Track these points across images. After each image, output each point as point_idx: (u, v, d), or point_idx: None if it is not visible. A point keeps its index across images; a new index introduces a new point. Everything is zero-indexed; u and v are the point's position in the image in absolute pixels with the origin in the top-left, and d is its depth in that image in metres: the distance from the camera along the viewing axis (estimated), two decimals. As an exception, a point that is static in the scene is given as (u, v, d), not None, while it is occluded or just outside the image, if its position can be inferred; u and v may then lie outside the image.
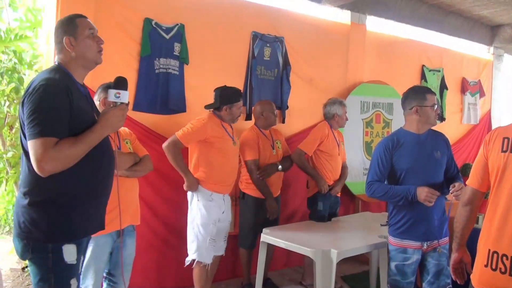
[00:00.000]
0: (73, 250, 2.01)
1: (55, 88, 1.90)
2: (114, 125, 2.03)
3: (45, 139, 1.82)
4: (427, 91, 3.00)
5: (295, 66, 4.99)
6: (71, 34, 2.06)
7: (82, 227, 2.05)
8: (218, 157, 3.58)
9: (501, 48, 7.71)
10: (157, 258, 4.04)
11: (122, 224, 2.89)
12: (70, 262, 2.00)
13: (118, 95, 2.07)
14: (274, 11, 4.93)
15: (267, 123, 4.20)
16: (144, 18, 3.96)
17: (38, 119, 1.83)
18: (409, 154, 2.92)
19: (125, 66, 3.86)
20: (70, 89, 1.94)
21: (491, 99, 7.78)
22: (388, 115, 5.82)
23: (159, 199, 4.03)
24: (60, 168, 1.86)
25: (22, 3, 4.71)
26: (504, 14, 6.55)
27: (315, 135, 4.29)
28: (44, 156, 1.80)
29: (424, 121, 2.95)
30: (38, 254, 1.96)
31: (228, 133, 3.68)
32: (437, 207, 2.89)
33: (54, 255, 1.96)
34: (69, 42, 2.05)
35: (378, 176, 2.97)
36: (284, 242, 3.39)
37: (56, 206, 1.95)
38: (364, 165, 5.55)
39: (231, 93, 3.69)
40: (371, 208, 5.52)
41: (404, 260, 2.92)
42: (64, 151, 1.84)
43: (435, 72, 6.63)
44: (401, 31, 6.21)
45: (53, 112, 1.87)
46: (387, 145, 2.97)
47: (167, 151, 3.51)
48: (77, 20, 2.10)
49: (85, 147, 1.92)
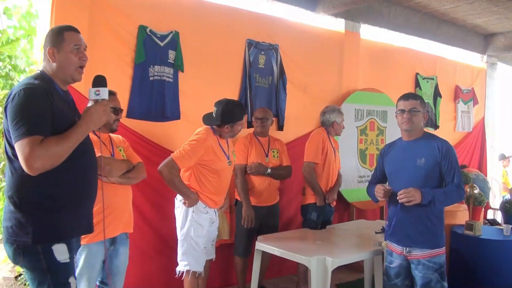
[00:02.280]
0: (64, 249, 2.03)
1: (35, 91, 1.96)
2: (97, 121, 2.08)
3: (31, 138, 1.86)
4: (399, 98, 3.07)
5: (290, 74, 5.00)
6: (55, 45, 2.11)
7: (69, 227, 2.07)
8: (211, 178, 3.41)
9: (494, 57, 7.78)
10: (149, 265, 4.01)
11: (115, 232, 2.90)
12: (63, 261, 2.02)
13: (98, 93, 2.14)
14: (269, 19, 4.95)
15: (257, 130, 4.25)
16: (138, 25, 3.95)
17: (22, 121, 1.88)
18: (392, 159, 3.10)
19: (119, 73, 3.86)
20: (50, 91, 2.00)
21: (485, 107, 7.84)
22: (382, 123, 5.84)
23: (152, 206, 4.01)
24: (48, 165, 1.89)
25: (16, 10, 4.70)
26: (498, 23, 6.61)
27: (317, 142, 4.29)
28: (32, 154, 1.84)
29: (400, 127, 3.07)
30: (30, 256, 1.98)
31: (224, 152, 3.50)
32: (415, 214, 2.89)
33: (45, 256, 1.98)
34: (52, 52, 2.10)
35: (374, 179, 3.25)
36: (278, 250, 3.38)
37: (42, 208, 1.98)
38: (358, 173, 5.55)
39: (234, 110, 3.46)
40: (366, 215, 5.53)
41: (390, 262, 3.07)
42: (51, 148, 1.88)
43: (429, 80, 6.66)
44: (395, 39, 6.26)
45: (36, 112, 1.92)
46: (382, 151, 3.25)
47: (163, 175, 3.29)
48: (65, 33, 2.14)
49: (71, 143, 1.96)
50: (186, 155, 3.29)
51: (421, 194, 2.80)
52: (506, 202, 4.41)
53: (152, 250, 4.04)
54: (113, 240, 2.91)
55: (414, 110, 2.95)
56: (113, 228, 2.86)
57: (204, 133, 3.41)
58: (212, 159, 3.38)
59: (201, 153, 3.33)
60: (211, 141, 3.39)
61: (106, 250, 2.69)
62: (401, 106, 2.99)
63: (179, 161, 3.29)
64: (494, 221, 4.91)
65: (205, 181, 3.42)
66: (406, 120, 2.96)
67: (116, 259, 2.95)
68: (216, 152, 3.40)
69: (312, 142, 4.32)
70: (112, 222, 2.82)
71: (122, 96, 3.81)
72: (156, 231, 4.05)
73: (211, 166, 3.40)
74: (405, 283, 3.02)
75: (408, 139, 3.04)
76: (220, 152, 3.45)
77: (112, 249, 2.92)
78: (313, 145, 4.29)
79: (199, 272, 3.45)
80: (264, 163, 4.13)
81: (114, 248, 2.93)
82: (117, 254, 2.95)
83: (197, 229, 3.41)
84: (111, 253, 2.92)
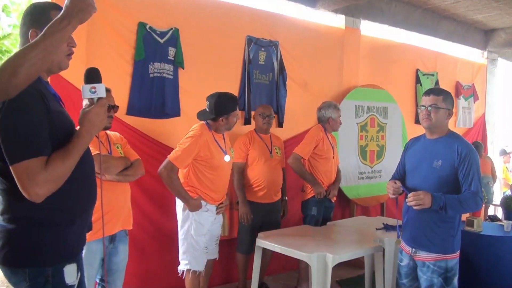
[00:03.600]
0: (74, 269, 1.78)
1: (28, 97, 1.58)
2: (98, 125, 1.75)
3: (32, 161, 1.54)
4: (423, 93, 2.97)
5: (290, 70, 5.00)
6: (39, 27, 1.64)
7: (77, 241, 1.84)
8: (209, 174, 3.42)
9: (495, 53, 7.77)
10: (150, 262, 4.01)
11: (113, 229, 2.90)
12: (71, 284, 1.76)
13: (94, 90, 1.76)
14: (269, 15, 4.94)
15: (258, 127, 4.27)
16: (138, 22, 3.94)
17: (18, 139, 1.55)
18: (412, 156, 2.99)
19: (119, 70, 3.85)
20: (43, 93, 1.65)
21: (485, 103, 7.83)
22: (383, 119, 5.83)
23: (152, 203, 4.01)
24: (55, 188, 1.60)
25: (15, 8, 4.70)
26: (498, 18, 6.60)
27: (311, 139, 4.28)
28: (36, 181, 1.53)
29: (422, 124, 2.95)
30: (37, 281, 1.68)
31: (220, 147, 3.48)
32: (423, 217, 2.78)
33: (54, 279, 1.70)
34: (36, 36, 1.58)
35: (396, 174, 3.11)
36: (279, 247, 3.38)
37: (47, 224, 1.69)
38: (359, 169, 5.55)
39: (227, 101, 3.47)
40: (367, 212, 5.52)
41: (400, 260, 3.00)
42: (58, 169, 1.58)
43: (429, 76, 6.65)
44: (395, 35, 6.25)
45: (33, 126, 1.58)
46: (405, 146, 3.16)
47: (162, 177, 3.30)
48: (52, 12, 1.71)
49: (76, 156, 1.66)
50: (182, 155, 3.29)
51: (431, 198, 2.62)
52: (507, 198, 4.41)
53: (152, 247, 4.04)
54: (112, 238, 2.91)
55: (435, 106, 2.78)
56: (112, 226, 2.86)
57: (198, 129, 3.40)
58: (208, 155, 3.37)
59: (197, 150, 3.31)
60: (206, 136, 3.38)
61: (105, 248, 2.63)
62: (422, 102, 2.86)
63: (177, 162, 3.28)
64: (495, 217, 4.92)
65: (203, 178, 3.41)
66: (425, 116, 2.81)
67: (116, 256, 2.95)
68: (211, 148, 3.39)
69: (307, 138, 4.33)
70: (111, 219, 2.82)
71: (122, 93, 3.81)
72: (157, 228, 4.05)
73: (208, 162, 3.39)
74: (414, 285, 2.91)
75: (430, 137, 2.89)
76: (216, 148, 3.44)
77: (112, 246, 2.92)
78: (306, 140, 4.30)
79: (199, 271, 3.45)
80: (268, 159, 4.14)
81: (113, 246, 2.93)
82: (116, 251, 2.95)
83: (197, 228, 3.40)
84: (110, 251, 2.92)
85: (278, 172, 4.24)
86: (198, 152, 3.33)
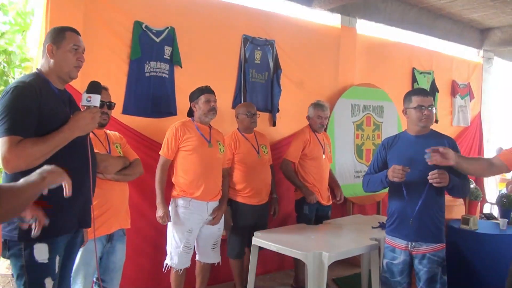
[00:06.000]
0: (45, 249, 2.05)
1: (25, 90, 1.99)
2: (82, 128, 2.10)
3: (10, 137, 1.91)
4: (414, 93, 3.04)
5: (286, 69, 4.99)
6: (55, 42, 2.17)
7: (54, 227, 2.01)
8: (194, 161, 3.50)
9: (490, 51, 7.78)
10: (147, 262, 4.01)
11: (111, 228, 2.90)
12: (41, 261, 2.04)
13: (89, 99, 2.17)
14: (265, 14, 4.93)
15: (243, 126, 4.11)
16: (134, 21, 3.94)
17: (6, 118, 1.94)
18: (398, 154, 3.04)
19: (115, 69, 3.85)
20: (41, 91, 2.03)
21: (481, 102, 7.85)
22: (379, 118, 5.83)
23: (149, 203, 3.99)
24: (23, 166, 1.92)
25: (12, 6, 4.68)
26: (494, 17, 6.62)
27: (297, 141, 4.31)
28: (8, 153, 1.90)
29: (412, 123, 3.02)
30: (13, 252, 2.03)
31: (202, 135, 3.57)
32: (423, 208, 2.88)
33: (26, 254, 2.02)
34: (51, 49, 2.16)
35: (372, 171, 3.18)
36: (275, 246, 3.39)
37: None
38: (355, 168, 5.56)
39: (195, 90, 3.67)
40: (363, 210, 5.53)
41: (392, 258, 3.02)
42: (27, 149, 1.91)
43: (425, 74, 6.66)
44: (391, 34, 6.25)
45: (21, 112, 1.96)
46: (384, 143, 3.18)
47: (156, 173, 3.55)
48: (67, 33, 2.20)
49: (49, 147, 1.98)
50: (167, 146, 3.54)
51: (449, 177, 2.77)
52: (502, 196, 4.42)
53: (149, 247, 4.04)
54: (110, 237, 2.91)
55: (433, 106, 2.96)
56: (109, 225, 2.86)
57: (178, 122, 3.64)
58: (188, 138, 3.52)
59: (178, 136, 3.52)
60: (186, 124, 3.60)
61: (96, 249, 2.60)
62: (420, 102, 2.93)
63: (164, 152, 3.54)
64: (490, 215, 4.92)
65: (189, 166, 3.52)
66: (426, 117, 2.93)
67: (113, 255, 2.95)
68: (190, 132, 3.55)
69: (294, 141, 4.36)
70: (109, 219, 2.83)
71: (118, 92, 3.80)
72: (155, 227, 4.03)
73: (191, 147, 3.51)
74: (407, 281, 2.99)
75: (417, 134, 3.00)
76: (197, 134, 3.57)
77: (109, 246, 2.92)
78: (293, 144, 4.33)
79: (181, 270, 3.53)
80: (256, 160, 4.06)
81: (111, 245, 2.93)
82: (114, 250, 2.95)
83: (178, 223, 3.52)
84: (108, 250, 2.92)
85: (267, 172, 4.16)
86: (180, 138, 3.51)
